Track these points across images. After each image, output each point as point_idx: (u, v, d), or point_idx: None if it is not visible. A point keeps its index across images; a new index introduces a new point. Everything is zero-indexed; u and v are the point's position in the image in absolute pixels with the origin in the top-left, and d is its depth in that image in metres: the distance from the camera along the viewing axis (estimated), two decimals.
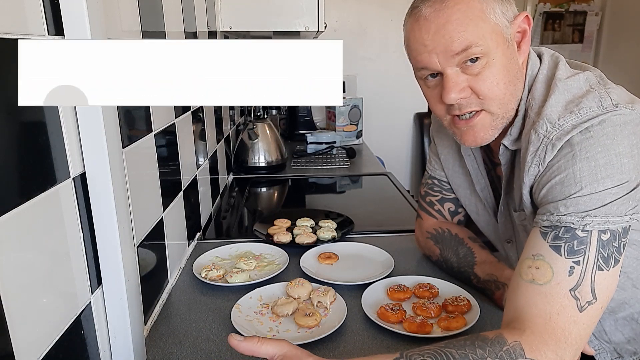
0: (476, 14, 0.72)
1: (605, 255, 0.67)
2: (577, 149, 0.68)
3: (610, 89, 0.72)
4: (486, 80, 0.74)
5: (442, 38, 0.72)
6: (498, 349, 0.64)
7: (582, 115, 0.69)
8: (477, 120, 0.78)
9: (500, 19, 0.74)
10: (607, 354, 0.89)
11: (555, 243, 0.68)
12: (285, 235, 1.22)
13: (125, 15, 0.82)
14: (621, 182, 0.67)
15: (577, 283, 0.66)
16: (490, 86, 0.75)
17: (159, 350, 0.81)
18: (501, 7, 0.74)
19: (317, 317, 0.86)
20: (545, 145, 0.71)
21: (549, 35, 3.45)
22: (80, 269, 0.65)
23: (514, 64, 0.77)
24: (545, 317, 0.66)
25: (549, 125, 0.71)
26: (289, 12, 1.69)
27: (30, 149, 0.54)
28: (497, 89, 0.75)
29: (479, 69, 0.74)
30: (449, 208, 1.07)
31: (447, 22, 0.72)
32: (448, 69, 0.74)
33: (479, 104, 0.76)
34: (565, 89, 0.73)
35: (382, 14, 3.07)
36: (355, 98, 2.63)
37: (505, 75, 0.75)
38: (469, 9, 0.72)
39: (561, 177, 0.70)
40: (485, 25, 0.72)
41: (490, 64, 0.74)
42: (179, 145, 1.11)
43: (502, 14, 0.74)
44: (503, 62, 0.74)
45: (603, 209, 0.67)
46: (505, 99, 0.77)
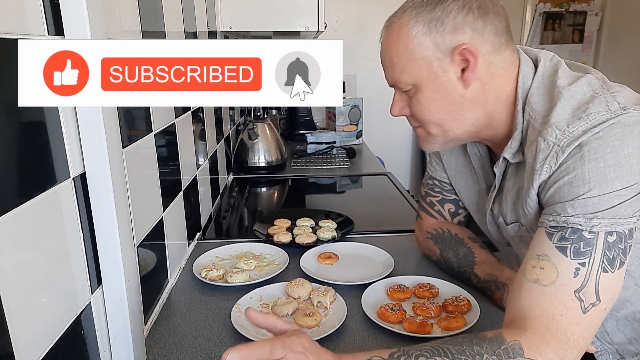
0: (400, 49, 0.78)
1: (611, 257, 0.67)
2: (586, 150, 0.67)
3: (615, 92, 0.72)
4: (415, 105, 0.82)
5: (383, 66, 0.83)
6: (496, 346, 0.64)
7: (590, 120, 0.68)
8: (418, 132, 0.88)
9: (428, 52, 0.76)
10: (609, 355, 0.89)
11: (561, 244, 0.68)
12: (285, 235, 1.22)
13: (125, 15, 0.82)
14: (630, 184, 0.66)
15: (581, 284, 0.66)
16: (421, 110, 0.82)
17: (159, 350, 0.81)
18: (434, 39, 0.75)
19: (317, 317, 0.86)
20: (556, 152, 0.70)
21: (549, 35, 3.45)
22: (80, 269, 0.65)
23: (449, 92, 0.78)
24: (548, 317, 0.66)
25: (559, 132, 0.70)
26: (289, 12, 1.69)
27: (30, 149, 0.54)
28: (428, 115, 0.81)
29: (412, 95, 0.81)
30: (449, 209, 1.07)
31: (383, 53, 0.82)
32: (394, 89, 0.85)
33: (417, 122, 0.85)
34: (570, 95, 0.73)
35: (382, 14, 3.03)
36: (355, 98, 2.62)
37: (437, 102, 0.79)
38: (398, 42, 0.78)
39: (569, 177, 0.69)
40: (408, 59, 0.77)
41: (419, 92, 0.80)
42: (179, 145, 1.11)
43: (433, 46, 0.75)
44: (432, 91, 0.78)
45: (611, 211, 0.66)
46: (438, 121, 0.82)
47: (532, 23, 3.44)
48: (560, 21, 3.43)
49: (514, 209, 0.84)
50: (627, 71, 3.10)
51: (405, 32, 0.76)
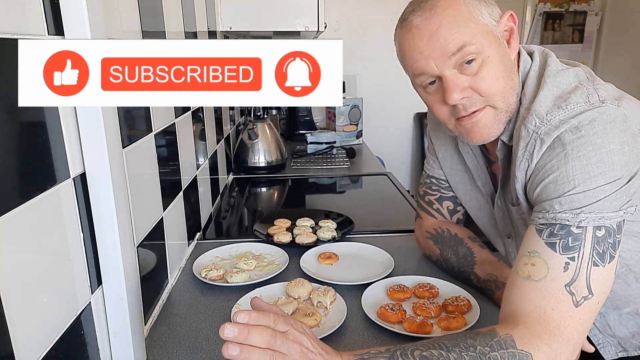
0: (465, 16, 0.75)
1: (601, 252, 0.68)
2: (569, 149, 0.69)
3: (598, 85, 0.74)
4: (485, 77, 0.76)
5: (437, 42, 0.74)
6: (489, 339, 0.66)
7: (569, 110, 0.71)
8: (480, 115, 0.79)
9: (487, 19, 0.76)
10: (611, 348, 0.90)
11: (550, 240, 0.69)
12: (285, 235, 1.22)
13: (125, 15, 0.82)
14: (613, 179, 0.68)
15: (572, 278, 0.67)
16: (490, 83, 0.76)
17: (159, 350, 0.81)
18: (487, 9, 0.77)
19: (317, 317, 0.86)
20: (535, 140, 0.73)
21: (549, 35, 3.45)
22: (80, 269, 0.65)
23: (508, 60, 0.79)
24: (540, 312, 0.67)
25: (538, 120, 0.73)
26: (289, 12, 1.69)
27: (30, 149, 0.54)
28: (497, 84, 0.77)
29: (477, 69, 0.76)
30: (447, 207, 1.07)
31: (440, 27, 0.74)
32: (446, 72, 0.76)
33: (483, 101, 0.78)
34: (554, 84, 0.75)
35: (382, 14, 3.07)
36: (355, 98, 2.63)
37: (502, 70, 0.77)
38: (458, 12, 0.75)
39: (554, 176, 0.71)
40: (475, 26, 0.75)
41: (486, 62, 0.76)
42: (179, 145, 1.11)
43: (488, 14, 0.77)
44: (497, 58, 0.77)
45: (597, 205, 0.68)
46: (506, 92, 0.78)
47: (532, 23, 3.44)
48: (560, 21, 3.43)
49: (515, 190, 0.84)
50: (627, 71, 3.10)
51: (462, 3, 0.75)
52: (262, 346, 0.59)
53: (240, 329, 0.58)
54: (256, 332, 0.58)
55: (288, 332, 0.61)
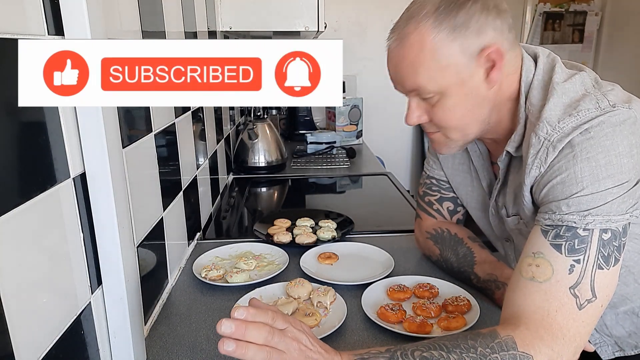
0: (427, 57, 0.74)
1: (606, 255, 0.68)
2: (578, 150, 0.69)
3: (606, 91, 0.73)
4: (439, 112, 0.79)
5: (399, 74, 0.79)
6: (489, 340, 0.66)
7: (580, 117, 0.70)
8: (435, 137, 0.85)
9: (455, 58, 0.73)
10: (608, 347, 0.90)
11: (556, 241, 0.69)
12: (285, 235, 1.22)
13: (125, 15, 0.82)
14: (621, 182, 0.68)
15: (576, 281, 0.67)
16: (444, 117, 0.79)
17: (159, 350, 0.81)
18: (462, 44, 0.73)
19: (317, 317, 0.86)
20: (547, 147, 0.72)
21: (549, 35, 3.45)
22: (80, 269, 0.65)
23: (476, 95, 0.77)
24: (542, 313, 0.67)
25: (549, 127, 0.72)
26: (289, 12, 1.68)
27: (30, 149, 0.54)
28: (453, 119, 0.79)
29: (434, 102, 0.78)
30: (447, 207, 1.07)
31: (401, 62, 0.77)
32: (409, 97, 0.81)
33: (437, 128, 0.83)
34: (563, 92, 0.74)
35: (382, 14, 3.06)
36: (355, 98, 2.63)
37: (463, 105, 0.78)
38: (421, 52, 0.74)
39: (562, 177, 0.70)
40: (436, 66, 0.74)
41: (443, 99, 0.77)
42: (179, 145, 1.11)
43: (459, 52, 0.73)
44: (460, 95, 0.77)
45: (604, 208, 0.67)
46: (462, 126, 0.81)
47: (532, 23, 3.44)
48: (560, 21, 3.43)
49: (515, 201, 0.85)
50: (627, 71, 3.10)
51: (428, 40, 0.72)
52: (260, 342, 0.59)
53: (237, 325, 0.58)
54: (254, 328, 0.58)
55: (286, 329, 0.61)
